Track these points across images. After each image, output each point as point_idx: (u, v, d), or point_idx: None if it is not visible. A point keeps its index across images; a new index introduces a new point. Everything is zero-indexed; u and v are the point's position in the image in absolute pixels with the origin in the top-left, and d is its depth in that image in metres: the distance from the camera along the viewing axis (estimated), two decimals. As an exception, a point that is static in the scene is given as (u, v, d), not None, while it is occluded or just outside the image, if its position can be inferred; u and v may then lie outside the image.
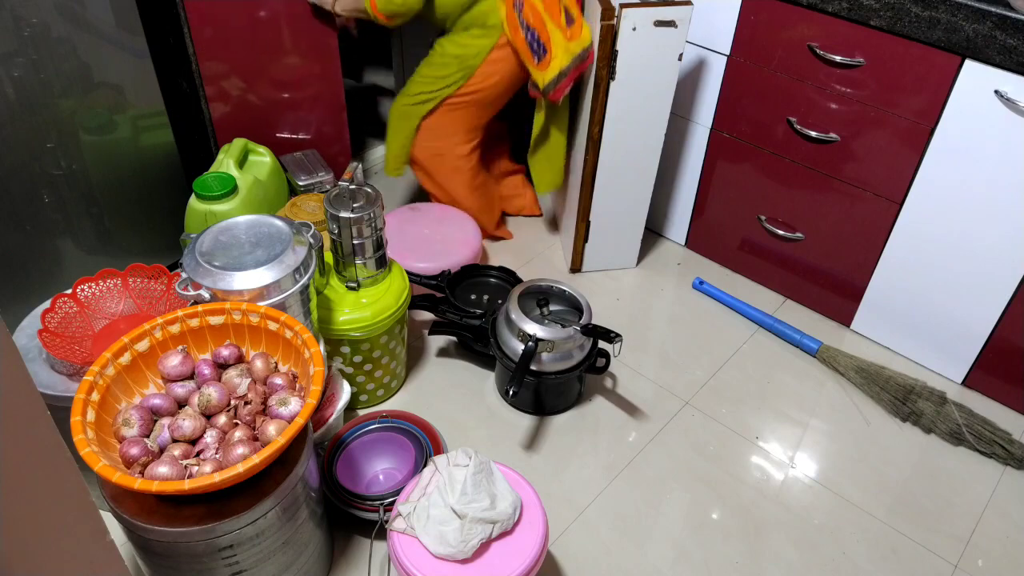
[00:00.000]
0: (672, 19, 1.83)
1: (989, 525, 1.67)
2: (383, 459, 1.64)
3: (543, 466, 1.75)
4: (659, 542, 1.61)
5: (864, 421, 1.88)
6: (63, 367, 1.41)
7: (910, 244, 1.88)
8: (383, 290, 1.71)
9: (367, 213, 1.62)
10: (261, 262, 1.40)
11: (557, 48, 1.86)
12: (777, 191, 2.07)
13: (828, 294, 2.12)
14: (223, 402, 1.25)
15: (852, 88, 1.81)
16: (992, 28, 1.55)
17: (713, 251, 2.34)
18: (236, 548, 1.21)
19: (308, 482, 1.32)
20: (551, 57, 1.86)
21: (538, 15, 1.85)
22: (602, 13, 1.81)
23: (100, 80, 1.80)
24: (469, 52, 1.98)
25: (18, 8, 1.60)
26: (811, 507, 1.69)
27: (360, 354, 1.72)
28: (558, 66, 1.87)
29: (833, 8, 1.75)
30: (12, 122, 1.68)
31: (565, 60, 1.87)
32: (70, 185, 1.84)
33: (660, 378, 1.97)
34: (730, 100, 2.05)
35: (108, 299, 1.50)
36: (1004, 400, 1.92)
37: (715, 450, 1.80)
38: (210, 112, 2.05)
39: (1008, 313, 1.79)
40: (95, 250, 1.96)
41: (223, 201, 1.85)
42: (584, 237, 2.19)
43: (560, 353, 1.75)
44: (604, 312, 2.13)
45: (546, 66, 1.87)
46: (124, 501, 1.18)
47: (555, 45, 1.86)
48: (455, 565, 1.29)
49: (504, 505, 1.33)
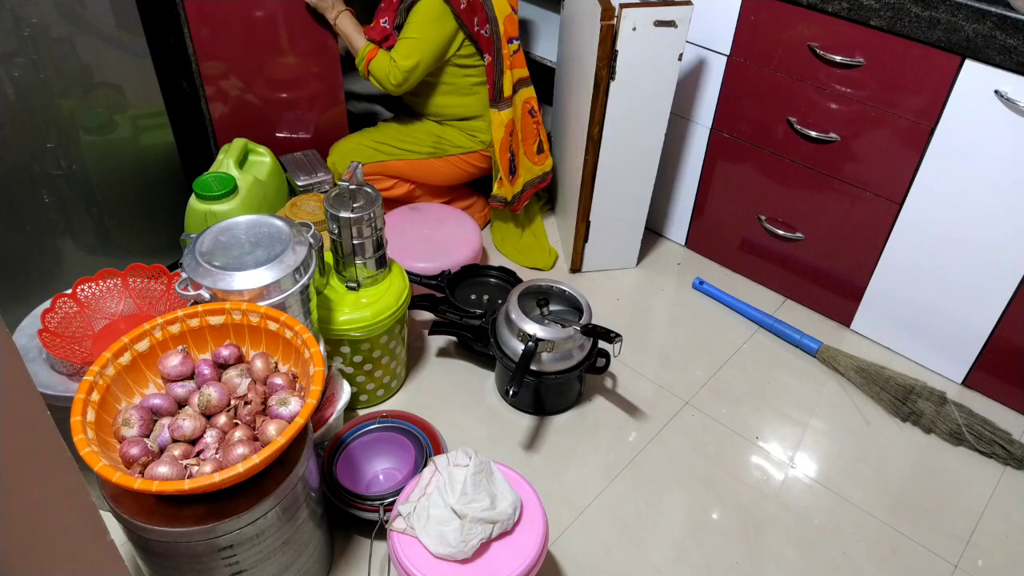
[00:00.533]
0: (672, 19, 1.83)
1: (989, 525, 1.67)
2: (383, 459, 1.64)
3: (543, 466, 1.75)
4: (659, 542, 1.61)
5: (864, 421, 1.88)
6: (63, 367, 1.41)
7: (910, 244, 1.88)
8: (383, 290, 1.71)
9: (367, 213, 1.62)
10: (261, 262, 1.40)
11: (523, 169, 2.21)
12: (777, 191, 2.07)
13: (828, 294, 2.12)
14: (223, 402, 1.25)
15: (852, 88, 1.81)
16: (992, 28, 1.55)
17: (713, 251, 2.34)
18: (236, 548, 1.21)
19: (308, 482, 1.32)
20: (519, 176, 2.20)
21: (518, 143, 2.18)
22: (602, 13, 1.81)
23: (100, 80, 1.80)
24: (451, 142, 2.18)
25: (18, 8, 1.60)
26: (811, 507, 1.69)
27: (360, 354, 1.72)
28: (522, 182, 2.21)
29: (833, 8, 1.75)
30: (12, 122, 1.68)
31: (528, 177, 2.22)
32: (70, 185, 1.84)
33: (660, 378, 1.97)
34: (730, 100, 2.05)
35: (108, 299, 1.50)
36: (1004, 400, 1.92)
37: (715, 450, 1.80)
38: (210, 112, 2.05)
39: (1008, 313, 1.79)
40: (95, 250, 1.96)
41: (223, 201, 1.85)
42: (584, 237, 2.19)
43: (560, 353, 1.75)
44: (604, 312, 2.13)
45: (514, 182, 2.20)
46: (124, 501, 1.18)
47: (522, 167, 2.20)
48: (455, 565, 1.29)
49: (504, 505, 1.33)
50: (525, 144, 2.17)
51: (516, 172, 2.18)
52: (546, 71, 2.44)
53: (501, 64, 2.05)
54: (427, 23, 1.95)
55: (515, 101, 2.11)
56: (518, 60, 2.10)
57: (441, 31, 1.97)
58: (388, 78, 1.99)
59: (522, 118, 2.14)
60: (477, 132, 2.17)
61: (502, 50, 2.03)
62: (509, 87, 2.08)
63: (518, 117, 2.14)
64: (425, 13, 1.94)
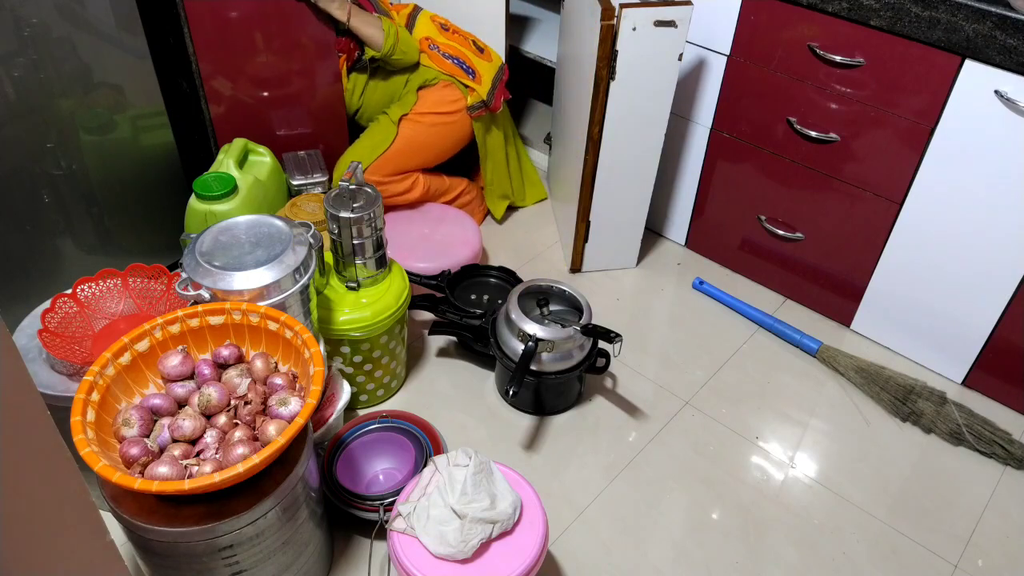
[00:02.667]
0: (672, 19, 1.83)
1: (989, 525, 1.67)
2: (383, 459, 1.64)
3: (543, 466, 1.75)
4: (659, 542, 1.61)
5: (864, 421, 1.88)
6: (63, 367, 1.41)
7: (910, 244, 1.88)
8: (383, 290, 1.71)
9: (367, 213, 1.62)
10: (261, 262, 1.40)
11: (480, 68, 2.21)
12: (777, 191, 2.07)
13: (828, 294, 2.12)
14: (223, 402, 1.25)
15: (852, 88, 1.81)
16: (992, 28, 1.55)
17: (713, 251, 2.34)
18: (236, 548, 1.21)
19: (308, 482, 1.32)
20: (480, 74, 2.20)
21: (455, 48, 2.19)
22: (602, 13, 1.81)
23: (100, 80, 1.80)
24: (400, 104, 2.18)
25: (18, 8, 1.60)
26: (811, 507, 1.69)
27: (360, 354, 1.72)
28: (489, 79, 2.21)
29: (833, 8, 1.75)
30: (12, 122, 1.68)
31: (491, 73, 2.22)
32: (70, 185, 1.84)
33: (660, 378, 1.97)
34: (730, 100, 2.05)
35: (108, 299, 1.50)
36: (1004, 400, 1.92)
37: (715, 450, 1.80)
38: (210, 112, 2.05)
39: (1008, 313, 1.79)
40: (95, 250, 1.96)
41: (223, 201, 1.85)
42: (584, 237, 2.19)
43: (560, 353, 1.75)
44: (604, 312, 2.13)
45: (479, 81, 2.19)
46: (124, 501, 1.18)
47: (478, 66, 2.20)
48: (455, 565, 1.29)
49: (504, 505, 1.33)
50: (465, 48, 2.21)
51: (474, 72, 2.18)
52: (546, 71, 2.44)
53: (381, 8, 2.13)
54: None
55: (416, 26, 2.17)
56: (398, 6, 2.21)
57: None
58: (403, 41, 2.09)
59: (438, 34, 2.19)
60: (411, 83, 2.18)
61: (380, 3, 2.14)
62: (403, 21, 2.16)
63: (432, 33, 2.17)
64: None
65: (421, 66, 2.15)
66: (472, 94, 2.17)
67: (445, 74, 2.15)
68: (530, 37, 2.54)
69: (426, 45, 2.15)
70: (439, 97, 2.15)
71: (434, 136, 2.18)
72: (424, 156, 2.21)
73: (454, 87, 2.16)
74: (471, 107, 2.17)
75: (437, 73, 2.15)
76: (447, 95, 2.16)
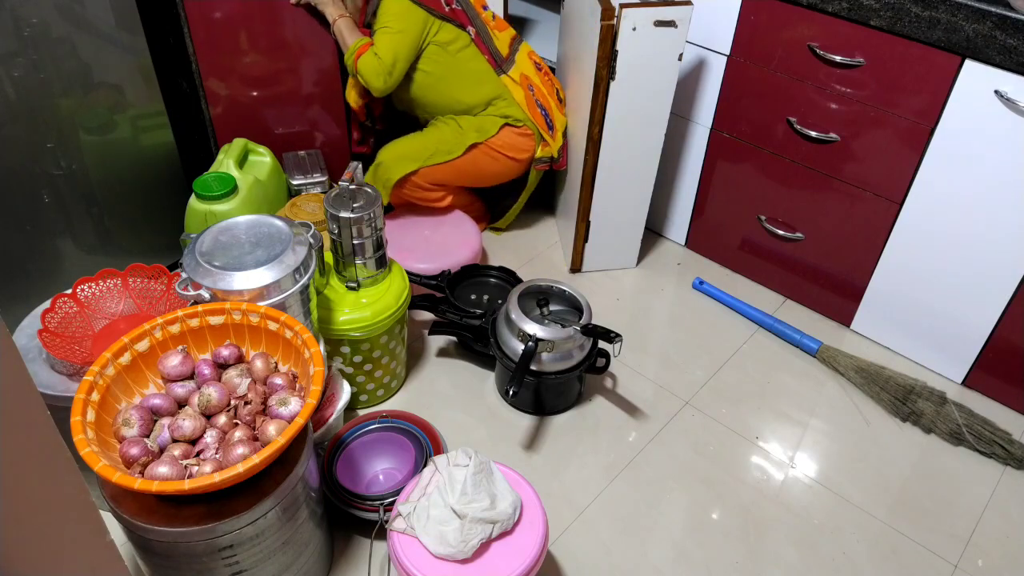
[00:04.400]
0: (672, 19, 1.83)
1: (989, 525, 1.67)
2: (383, 459, 1.64)
3: (543, 466, 1.75)
4: (659, 542, 1.61)
5: (864, 421, 1.88)
6: (63, 367, 1.41)
7: (910, 244, 1.88)
8: (383, 290, 1.71)
9: (367, 213, 1.62)
10: (261, 262, 1.40)
11: (557, 122, 2.18)
12: (777, 191, 2.07)
13: (828, 294, 2.12)
14: (223, 402, 1.25)
15: (852, 88, 1.81)
16: (992, 28, 1.55)
17: (713, 251, 2.34)
18: (236, 548, 1.21)
19: (308, 482, 1.32)
20: (556, 129, 2.17)
21: (544, 97, 2.15)
22: (602, 13, 1.81)
23: (100, 80, 1.80)
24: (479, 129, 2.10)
25: (18, 8, 1.60)
26: (811, 507, 1.69)
27: (360, 354, 1.72)
28: (561, 134, 2.19)
29: (833, 8, 1.75)
30: (12, 122, 1.68)
31: (562, 129, 2.20)
32: (70, 185, 1.84)
33: (660, 378, 1.97)
34: (730, 100, 2.05)
35: (108, 299, 1.50)
36: (1004, 400, 1.92)
37: (715, 450, 1.80)
38: (210, 112, 2.05)
39: (1008, 313, 1.79)
40: (95, 250, 1.96)
41: (223, 201, 1.85)
42: (584, 237, 2.19)
43: (560, 353, 1.75)
44: (604, 312, 2.13)
45: (555, 137, 2.17)
46: (124, 501, 1.18)
47: (556, 120, 2.18)
48: (455, 565, 1.29)
49: (504, 505, 1.33)
50: (551, 96, 2.17)
51: (553, 126, 2.16)
52: (546, 71, 2.44)
53: (486, 30, 2.06)
54: (395, 16, 1.95)
55: (517, 59, 2.11)
56: (500, 24, 2.13)
57: (411, 20, 1.95)
58: (374, 74, 1.96)
59: (534, 73, 2.14)
60: (497, 110, 2.11)
61: (479, 16, 2.05)
62: (504, 47, 2.09)
63: (530, 72, 2.13)
64: (390, 7, 1.95)
65: (515, 103, 2.10)
66: (544, 147, 2.15)
67: (531, 121, 2.11)
68: (530, 37, 2.54)
69: (525, 84, 2.11)
70: (516, 142, 2.12)
71: (494, 169, 2.16)
72: (473, 180, 2.20)
73: (532, 137, 2.13)
74: (539, 159, 2.16)
75: (525, 118, 2.11)
76: (524, 142, 2.13)
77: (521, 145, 2.13)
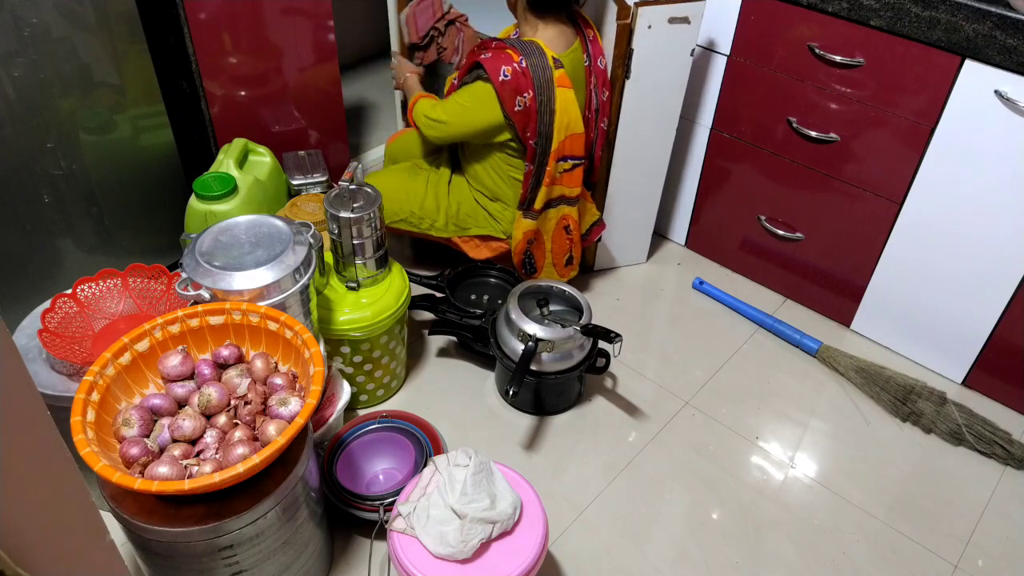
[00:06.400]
0: (686, 15, 1.83)
1: (989, 525, 1.67)
2: (383, 459, 1.64)
3: (543, 466, 1.75)
4: (659, 542, 1.61)
5: (864, 421, 1.88)
6: (63, 367, 1.41)
7: (910, 244, 1.88)
8: (383, 290, 1.71)
9: (367, 213, 1.62)
10: (261, 262, 1.40)
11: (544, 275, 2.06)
12: (777, 191, 2.07)
13: (828, 294, 2.12)
14: (223, 402, 1.25)
15: (852, 88, 1.81)
16: (992, 28, 1.55)
17: (713, 251, 2.34)
18: (236, 548, 1.21)
19: (308, 482, 1.32)
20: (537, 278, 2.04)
21: (543, 251, 2.03)
22: (618, 12, 1.81)
23: (100, 80, 1.80)
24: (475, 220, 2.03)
25: (18, 8, 1.60)
26: (811, 507, 1.69)
27: (360, 354, 1.72)
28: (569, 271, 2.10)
29: (833, 8, 1.75)
30: (12, 122, 1.68)
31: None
32: (70, 185, 1.84)
33: (660, 378, 1.97)
34: (730, 100, 2.05)
35: (108, 299, 1.50)
36: (1004, 400, 1.92)
37: (715, 450, 1.80)
38: (210, 112, 2.05)
39: (1008, 313, 1.79)
40: (95, 250, 1.96)
41: (223, 201, 1.85)
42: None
43: (560, 353, 1.75)
44: (604, 312, 2.13)
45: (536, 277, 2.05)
46: (124, 501, 1.18)
47: (544, 273, 2.06)
48: (455, 565, 1.29)
49: (504, 505, 1.33)
50: (555, 256, 2.04)
51: (536, 275, 2.05)
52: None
53: (540, 178, 1.88)
54: (474, 98, 1.83)
55: (548, 215, 1.96)
56: (568, 179, 1.92)
57: (483, 113, 1.83)
58: (422, 118, 1.92)
59: (554, 232, 1.99)
60: (502, 219, 2.01)
61: (546, 166, 1.87)
62: (541, 202, 1.91)
63: (548, 230, 1.99)
64: (476, 90, 1.83)
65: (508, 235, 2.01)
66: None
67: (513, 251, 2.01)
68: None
69: (527, 236, 1.97)
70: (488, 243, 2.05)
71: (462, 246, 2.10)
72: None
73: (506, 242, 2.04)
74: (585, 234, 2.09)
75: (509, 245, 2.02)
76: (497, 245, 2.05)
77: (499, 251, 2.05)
